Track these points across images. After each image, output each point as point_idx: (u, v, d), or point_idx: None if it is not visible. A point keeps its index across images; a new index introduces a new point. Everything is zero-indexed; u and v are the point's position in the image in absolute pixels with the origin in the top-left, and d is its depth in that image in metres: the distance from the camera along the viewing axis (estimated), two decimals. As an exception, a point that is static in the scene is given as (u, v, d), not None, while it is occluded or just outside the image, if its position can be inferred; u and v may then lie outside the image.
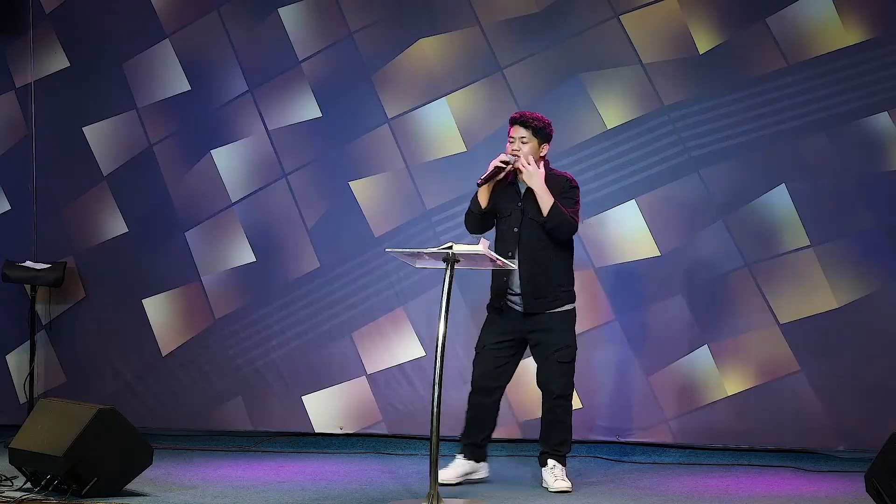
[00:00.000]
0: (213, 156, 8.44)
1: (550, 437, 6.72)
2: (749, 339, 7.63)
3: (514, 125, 6.61)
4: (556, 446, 6.71)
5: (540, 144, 6.61)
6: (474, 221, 6.71)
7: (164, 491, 6.56)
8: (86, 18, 8.67)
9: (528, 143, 6.58)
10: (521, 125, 6.59)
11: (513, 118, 6.64)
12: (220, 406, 8.43)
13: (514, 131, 6.60)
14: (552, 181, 6.58)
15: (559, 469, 6.68)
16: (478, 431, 6.77)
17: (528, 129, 6.58)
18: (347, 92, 8.23)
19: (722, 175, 7.68)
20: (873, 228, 7.47)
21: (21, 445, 6.50)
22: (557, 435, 6.71)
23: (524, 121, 6.59)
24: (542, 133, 6.60)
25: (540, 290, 6.58)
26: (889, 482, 5.63)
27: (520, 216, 6.59)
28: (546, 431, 6.74)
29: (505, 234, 6.63)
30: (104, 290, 8.63)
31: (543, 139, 6.62)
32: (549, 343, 6.63)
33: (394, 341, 8.15)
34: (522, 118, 6.61)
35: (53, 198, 8.70)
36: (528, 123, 6.58)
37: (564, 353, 6.65)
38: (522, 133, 6.58)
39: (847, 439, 7.51)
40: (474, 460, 6.80)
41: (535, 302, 6.60)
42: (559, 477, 6.65)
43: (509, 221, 6.63)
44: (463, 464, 6.76)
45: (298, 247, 8.30)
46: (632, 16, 7.80)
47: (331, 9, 8.27)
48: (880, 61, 7.46)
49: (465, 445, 6.77)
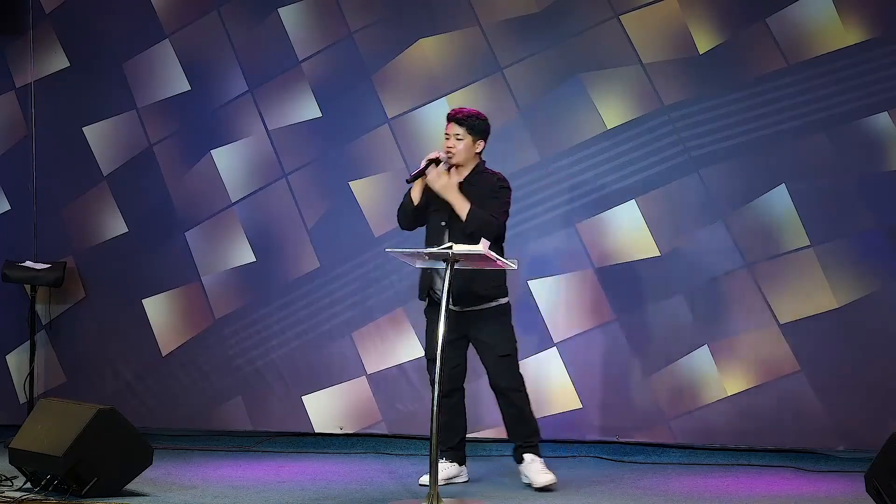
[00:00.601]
0: (213, 156, 8.44)
1: (518, 431, 6.72)
2: (749, 339, 7.63)
3: (450, 122, 6.63)
4: (527, 438, 6.71)
5: (475, 141, 6.63)
6: (405, 216, 6.72)
7: (164, 491, 6.56)
8: (86, 18, 8.68)
9: (462, 140, 6.60)
10: (455, 122, 6.61)
11: (448, 115, 6.65)
12: (220, 406, 8.43)
13: (449, 128, 6.62)
14: (483, 179, 6.60)
15: (538, 463, 6.67)
16: (451, 435, 6.77)
17: (462, 126, 6.60)
18: (347, 92, 8.23)
19: (722, 175, 7.68)
20: (873, 228, 7.47)
21: (21, 445, 6.50)
22: (522, 427, 6.71)
23: (458, 118, 6.61)
24: (476, 129, 6.62)
25: (467, 286, 6.53)
26: (889, 482, 5.63)
27: (448, 210, 6.58)
28: (512, 426, 6.73)
29: (434, 228, 6.64)
30: (104, 290, 8.64)
31: (479, 136, 6.64)
32: (487, 340, 6.65)
33: (394, 341, 8.15)
34: (457, 115, 6.63)
35: (53, 198, 8.70)
36: (462, 120, 6.60)
37: (503, 347, 6.65)
38: (457, 130, 6.60)
39: (847, 439, 7.51)
40: (457, 463, 6.81)
41: (463, 299, 6.57)
42: (540, 471, 6.63)
43: (439, 215, 6.63)
44: (447, 467, 6.76)
45: (298, 247, 8.31)
46: (632, 16, 7.80)
47: (331, 9, 8.27)
48: (880, 61, 7.46)
49: (444, 450, 6.76)
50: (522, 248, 7.81)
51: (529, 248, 7.87)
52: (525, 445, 6.70)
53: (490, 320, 6.65)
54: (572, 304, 7.87)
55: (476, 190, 6.56)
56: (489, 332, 6.65)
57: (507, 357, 6.67)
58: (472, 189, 6.57)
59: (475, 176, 6.63)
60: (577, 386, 7.85)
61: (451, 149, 6.59)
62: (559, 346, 7.87)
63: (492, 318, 6.66)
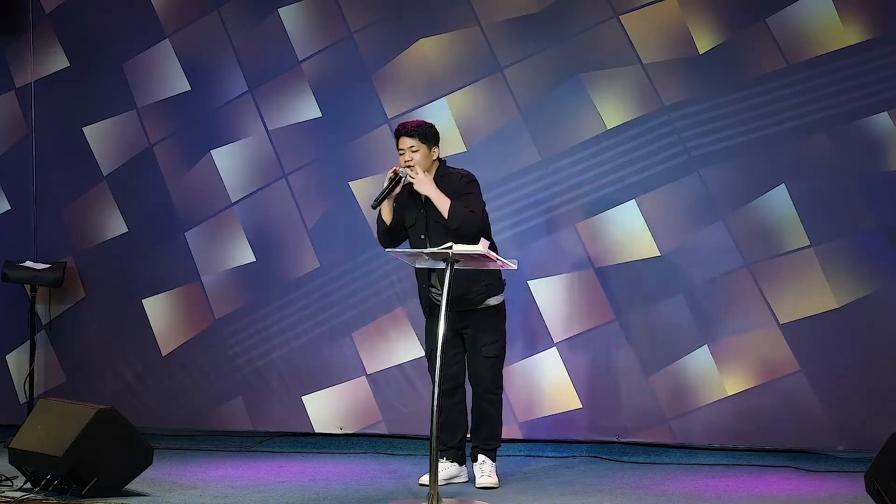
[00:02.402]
0: (213, 156, 8.44)
1: (480, 432, 6.77)
2: (749, 339, 7.63)
3: (401, 137, 6.66)
4: (486, 440, 6.76)
5: (430, 148, 6.66)
6: (384, 237, 6.75)
7: (164, 491, 6.56)
8: (86, 18, 8.68)
9: (418, 151, 6.63)
10: (406, 136, 6.64)
11: (396, 131, 6.69)
12: (220, 406, 8.43)
13: (401, 143, 6.65)
14: (448, 180, 6.63)
15: (488, 465, 6.72)
16: (451, 434, 6.79)
17: (414, 138, 6.63)
18: (347, 92, 8.23)
19: (722, 175, 7.68)
20: (873, 228, 7.47)
21: (21, 445, 6.50)
22: (487, 429, 6.75)
23: (408, 131, 6.65)
24: (429, 137, 6.66)
25: (462, 286, 6.55)
26: (889, 482, 5.63)
27: (423, 222, 6.64)
28: (476, 426, 6.78)
29: (415, 243, 6.66)
30: (104, 290, 8.64)
31: (432, 143, 6.67)
32: (477, 338, 6.68)
33: (394, 341, 8.15)
34: (405, 128, 6.66)
35: (53, 198, 8.70)
36: (412, 132, 6.64)
37: (491, 348, 6.69)
38: (410, 143, 6.63)
39: (847, 439, 7.51)
40: (457, 463, 6.82)
41: (460, 301, 6.60)
42: (486, 473, 6.70)
43: (416, 229, 6.68)
44: (448, 466, 6.77)
45: (298, 247, 8.31)
46: (632, 16, 7.80)
47: (331, 9, 8.27)
48: (880, 61, 7.46)
49: (444, 450, 6.78)
50: (522, 248, 7.81)
51: (529, 248, 7.88)
52: (483, 447, 6.77)
53: (482, 320, 6.68)
54: (572, 304, 7.87)
55: (445, 191, 6.59)
56: (479, 331, 6.68)
57: (493, 359, 6.72)
58: (447, 191, 6.60)
59: (440, 178, 6.66)
60: (577, 386, 7.85)
61: (410, 161, 6.61)
62: (559, 346, 7.87)
63: (484, 318, 6.69)
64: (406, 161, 6.62)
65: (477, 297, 6.64)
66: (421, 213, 6.67)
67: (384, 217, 6.70)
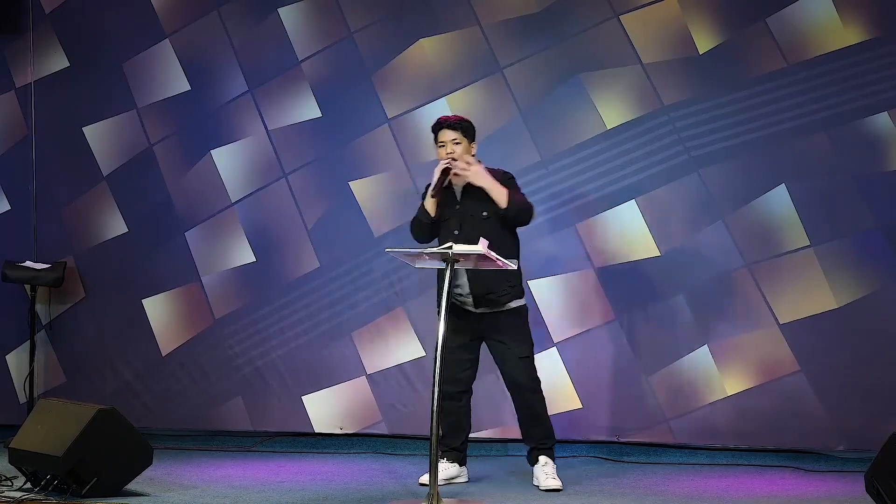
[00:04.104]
0: (213, 156, 8.44)
1: (533, 433, 6.74)
2: (749, 339, 7.63)
3: (442, 129, 6.66)
4: (542, 440, 6.74)
5: (470, 143, 6.68)
6: (423, 230, 6.73)
7: (164, 491, 6.56)
8: (86, 18, 8.68)
9: (459, 144, 6.63)
10: (448, 128, 6.65)
11: (437, 124, 6.70)
12: (220, 406, 8.44)
13: (443, 135, 6.65)
14: (494, 176, 6.62)
15: (550, 466, 6.70)
16: (455, 436, 6.80)
17: (456, 131, 6.65)
18: (347, 92, 8.23)
19: (722, 175, 7.68)
20: (873, 228, 7.47)
21: (21, 445, 6.50)
22: (539, 429, 6.74)
23: (450, 123, 6.67)
24: (470, 132, 6.69)
25: (488, 288, 6.58)
26: (889, 482, 5.63)
27: (459, 217, 6.63)
28: (527, 428, 6.76)
29: (446, 237, 6.63)
30: (104, 290, 8.64)
31: (472, 138, 6.70)
32: (506, 342, 6.67)
33: (394, 341, 8.15)
34: (448, 122, 6.68)
35: (53, 198, 8.71)
36: (455, 125, 6.66)
37: (523, 349, 6.70)
38: (453, 136, 6.64)
39: (847, 439, 7.51)
40: (458, 464, 6.82)
41: (486, 300, 6.61)
42: (550, 475, 6.66)
43: (450, 224, 6.67)
44: (448, 467, 6.78)
45: (298, 247, 8.31)
46: (632, 16, 7.80)
47: (331, 9, 8.28)
48: (880, 61, 7.46)
49: (446, 451, 6.78)
50: (523, 248, 7.79)
51: (529, 248, 7.86)
52: (539, 447, 6.73)
53: (509, 322, 6.67)
54: (572, 304, 7.87)
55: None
56: (508, 334, 6.67)
57: (526, 359, 6.70)
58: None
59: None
60: (577, 386, 7.85)
61: (452, 154, 6.61)
62: (559, 346, 7.87)
63: (510, 320, 6.68)
64: (448, 154, 6.61)
65: (502, 297, 6.63)
66: (457, 207, 6.65)
67: (430, 211, 6.66)
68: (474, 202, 6.62)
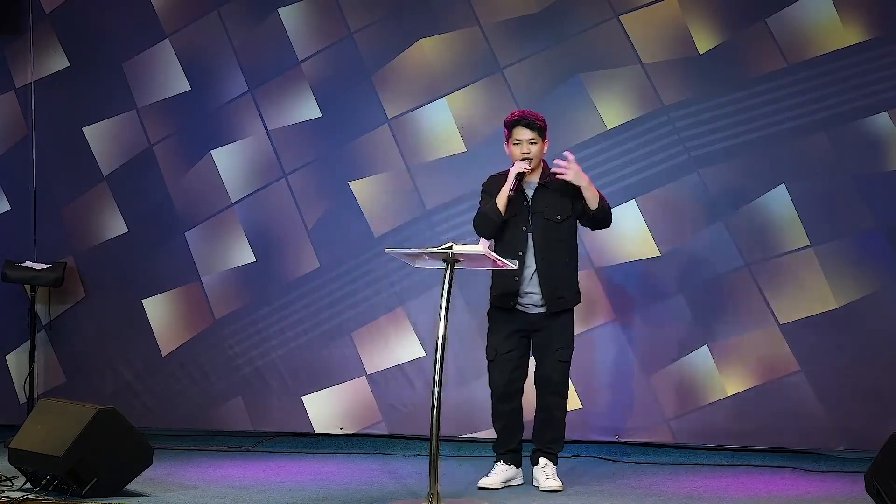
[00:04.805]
0: (213, 156, 8.44)
1: (544, 434, 6.71)
2: (749, 339, 7.63)
3: (518, 126, 6.51)
4: (549, 444, 6.70)
5: (543, 143, 6.59)
6: (492, 227, 6.55)
7: (164, 491, 6.56)
8: (86, 18, 8.68)
9: (535, 144, 6.52)
10: (526, 127, 6.50)
11: (517, 119, 6.53)
12: (220, 406, 8.43)
13: (519, 133, 6.50)
14: (556, 179, 6.54)
15: (550, 468, 6.67)
16: (511, 437, 6.74)
17: (534, 131, 6.51)
18: (347, 92, 8.23)
19: (722, 175, 7.68)
20: (873, 228, 7.47)
21: (21, 445, 6.50)
22: (551, 432, 6.70)
23: (529, 122, 6.51)
24: (545, 133, 6.58)
25: (559, 289, 6.57)
26: (889, 482, 5.63)
27: (527, 216, 6.56)
28: (540, 429, 6.72)
29: (514, 236, 6.56)
30: (104, 290, 8.64)
31: (545, 139, 6.60)
32: (552, 341, 6.63)
33: (394, 341, 8.15)
34: (526, 119, 6.52)
35: (53, 198, 8.70)
36: (533, 125, 6.51)
37: (565, 353, 6.67)
38: (530, 135, 6.50)
39: (847, 439, 7.50)
40: (514, 465, 6.77)
41: (557, 301, 6.58)
42: (549, 476, 6.64)
43: (516, 222, 6.57)
44: (505, 469, 6.72)
45: (298, 247, 8.30)
46: (632, 16, 7.80)
47: (331, 9, 8.27)
48: (880, 61, 7.46)
49: (503, 453, 6.74)
50: (522, 248, 7.81)
51: (529, 248, 7.87)
52: (545, 450, 6.70)
53: (562, 323, 6.65)
54: (572, 304, 7.87)
55: (559, 187, 6.52)
56: (557, 335, 6.64)
57: (566, 363, 6.68)
58: (555, 187, 6.53)
59: (547, 176, 6.56)
60: (577, 386, 7.83)
61: (528, 154, 6.50)
62: (559, 346, 7.86)
63: (564, 322, 6.66)
64: (524, 153, 6.49)
65: (573, 297, 6.65)
66: (525, 206, 6.57)
67: (501, 209, 6.51)
68: (545, 204, 6.54)
